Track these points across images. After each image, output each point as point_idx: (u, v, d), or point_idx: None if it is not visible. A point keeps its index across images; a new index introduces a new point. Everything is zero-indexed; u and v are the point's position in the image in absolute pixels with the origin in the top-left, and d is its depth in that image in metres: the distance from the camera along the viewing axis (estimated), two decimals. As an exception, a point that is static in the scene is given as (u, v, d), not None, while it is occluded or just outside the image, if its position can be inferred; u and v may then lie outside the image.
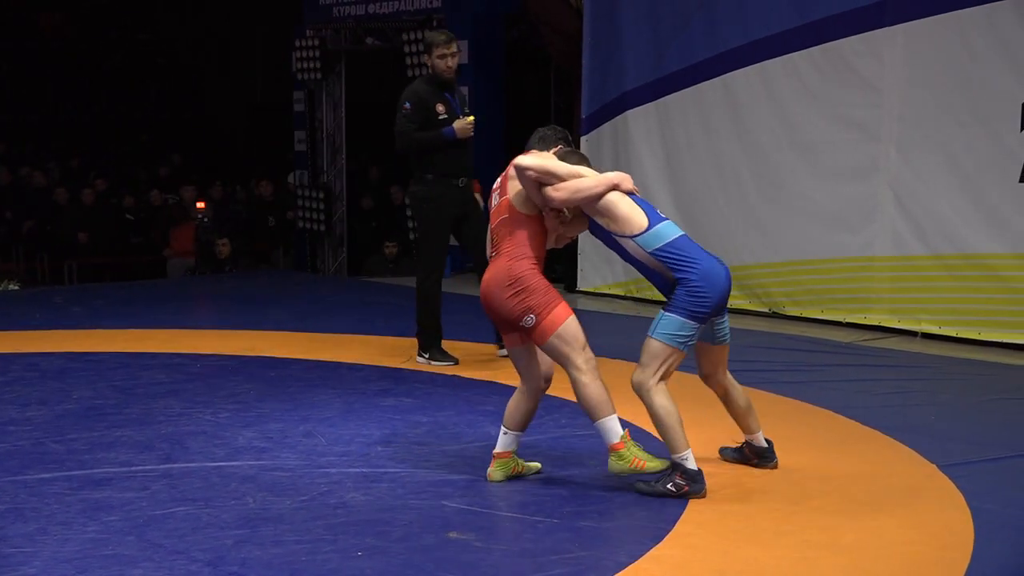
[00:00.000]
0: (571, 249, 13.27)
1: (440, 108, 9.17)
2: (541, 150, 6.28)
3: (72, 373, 9.00)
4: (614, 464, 6.06)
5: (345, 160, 16.84)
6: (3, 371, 9.06)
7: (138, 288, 14.34)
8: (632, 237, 6.03)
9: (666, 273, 6.03)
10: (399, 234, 15.83)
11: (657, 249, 6.00)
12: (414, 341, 9.61)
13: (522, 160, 6.06)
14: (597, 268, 13.17)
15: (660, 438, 6.08)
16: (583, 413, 6.22)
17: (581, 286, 13.27)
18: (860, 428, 7.44)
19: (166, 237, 17.07)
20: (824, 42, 11.18)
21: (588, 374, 6.07)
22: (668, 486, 5.93)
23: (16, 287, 14.36)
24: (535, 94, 15.81)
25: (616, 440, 6.05)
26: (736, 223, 11.90)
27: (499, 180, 6.36)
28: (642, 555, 5.20)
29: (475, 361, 9.43)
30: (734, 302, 11.72)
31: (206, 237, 16.04)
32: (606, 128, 13.12)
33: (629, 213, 6.05)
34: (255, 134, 22.24)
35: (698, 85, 12.26)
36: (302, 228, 16.85)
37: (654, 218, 6.07)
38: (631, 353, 9.53)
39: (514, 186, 6.19)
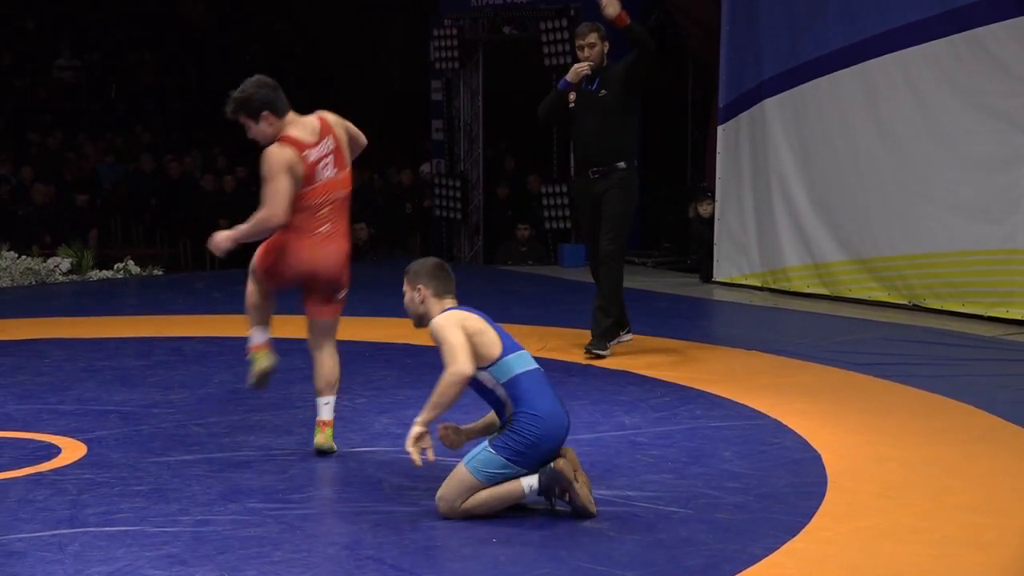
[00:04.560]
0: (707, 239, 13.19)
1: (571, 96, 9.21)
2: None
3: (213, 357, 9.16)
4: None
5: (482, 149, 16.90)
6: (146, 355, 9.27)
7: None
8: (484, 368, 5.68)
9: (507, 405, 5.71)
10: (533, 221, 15.87)
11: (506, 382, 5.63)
12: (549, 329, 9.63)
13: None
14: (733, 259, 13.07)
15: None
16: (718, 404, 6.19)
17: (717, 276, 13.18)
18: (1002, 424, 7.29)
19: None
20: (965, 30, 10.96)
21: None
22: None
23: (160, 272, 14.66)
24: (672, 84, 15.72)
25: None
26: (874, 214, 11.73)
27: (326, 149, 6.59)
28: (777, 549, 5.16)
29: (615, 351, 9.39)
30: (873, 294, 11.61)
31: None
32: (743, 117, 13.01)
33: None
34: (392, 123, 22.41)
35: (835, 73, 12.10)
36: (438, 216, 16.96)
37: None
38: (767, 345, 9.54)
39: (348, 154, 6.59)
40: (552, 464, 5.49)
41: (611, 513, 5.57)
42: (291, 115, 6.57)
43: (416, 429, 5.57)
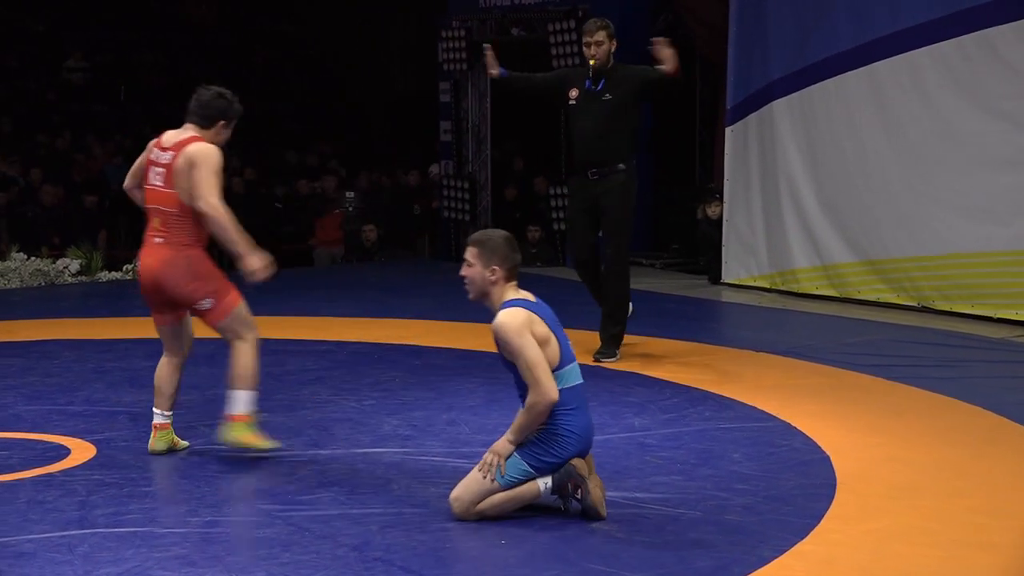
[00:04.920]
0: (715, 241, 13.18)
1: (573, 93, 9.05)
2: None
3: (221, 359, 9.06)
4: (227, 433, 6.47)
5: (490, 150, 16.91)
6: (155, 356, 8.90)
7: (286, 276, 14.54)
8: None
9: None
10: (542, 222, 15.87)
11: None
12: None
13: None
14: (741, 260, 13.06)
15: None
16: (727, 406, 6.17)
17: (725, 278, 13.17)
18: (1011, 425, 7.27)
19: (312, 226, 17.30)
20: (974, 31, 10.94)
21: (252, 344, 6.58)
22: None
23: (168, 274, 14.66)
24: (680, 85, 15.70)
25: (242, 412, 6.45)
26: (883, 215, 11.71)
27: (164, 160, 6.63)
28: (787, 550, 5.15)
29: (620, 352, 9.38)
30: (882, 295, 11.59)
31: (352, 226, 16.20)
32: (752, 119, 12.99)
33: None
34: (400, 124, 22.42)
35: (843, 75, 12.08)
36: (447, 217, 16.96)
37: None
38: (776, 346, 9.54)
39: (181, 182, 6.51)
40: (568, 462, 5.49)
41: (620, 515, 5.57)
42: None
43: (508, 448, 5.50)
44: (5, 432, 7.08)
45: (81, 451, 6.67)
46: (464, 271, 5.66)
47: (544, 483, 5.51)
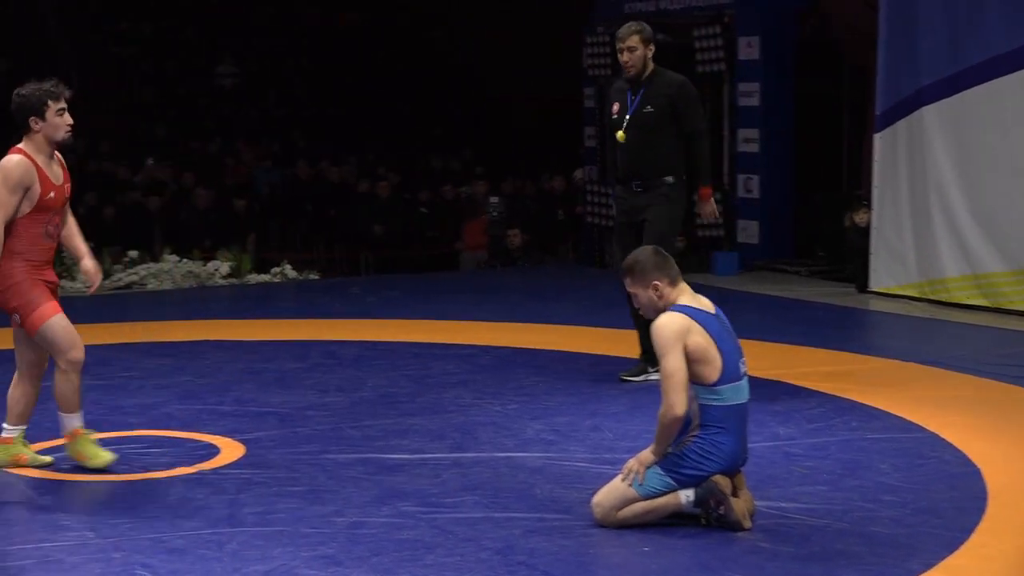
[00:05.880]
0: (862, 249, 13.00)
1: (615, 107, 8.68)
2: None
3: (367, 361, 9.28)
4: (68, 450, 6.49)
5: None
6: (303, 358, 9.43)
7: (431, 280, 14.70)
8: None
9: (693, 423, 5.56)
10: (686, 230, 15.79)
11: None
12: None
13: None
14: (889, 268, 12.84)
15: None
16: (875, 416, 6.09)
17: (873, 286, 12.96)
18: None
19: (459, 231, 17.42)
20: None
21: (63, 371, 6.33)
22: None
23: (316, 276, 14.90)
24: (826, 91, 15.52)
25: (69, 432, 6.45)
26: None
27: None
28: (935, 564, 5.07)
29: (764, 360, 9.29)
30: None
31: (496, 231, 16.29)
32: (900, 125, 12.78)
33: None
34: (545, 129, 22.47)
35: (996, 80, 11.83)
36: (590, 223, 16.95)
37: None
38: (924, 356, 9.37)
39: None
40: (711, 478, 5.46)
41: (764, 525, 5.52)
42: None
43: (651, 459, 5.49)
44: (158, 431, 7.25)
45: (231, 450, 6.80)
46: (635, 302, 5.69)
47: (686, 496, 5.48)
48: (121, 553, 5.24)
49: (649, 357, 8.24)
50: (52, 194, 6.28)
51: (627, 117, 8.52)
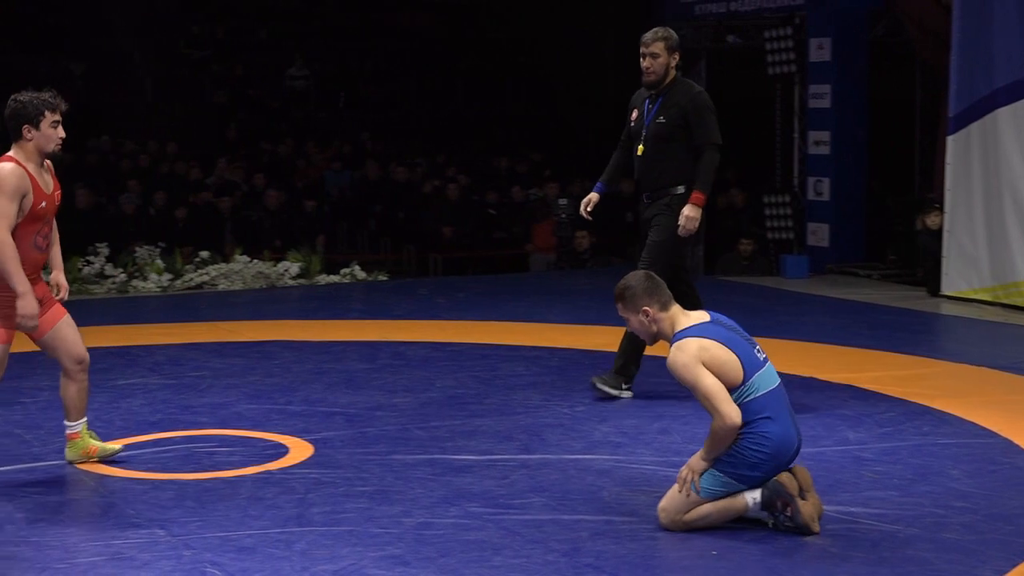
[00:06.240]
0: (934, 253, 12.90)
1: (634, 115, 8.41)
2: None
3: (435, 362, 9.32)
4: (68, 452, 6.59)
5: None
6: (371, 358, 9.48)
7: (499, 281, 14.71)
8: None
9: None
10: (754, 233, 15.74)
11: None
12: (765, 341, 9.44)
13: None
14: (962, 272, 12.73)
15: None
16: (946, 421, 6.04)
17: (945, 290, 12.85)
18: None
19: (528, 232, 17.44)
20: None
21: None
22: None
23: (384, 277, 14.97)
24: (898, 92, 15.42)
25: (68, 432, 6.52)
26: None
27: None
28: (1007, 572, 5.04)
29: (834, 364, 9.28)
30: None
31: (565, 233, 16.30)
32: (974, 128, 12.66)
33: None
34: (612, 131, 22.47)
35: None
36: (658, 226, 16.95)
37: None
38: (997, 361, 9.27)
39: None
40: (775, 478, 5.44)
41: (833, 530, 5.51)
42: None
43: (702, 465, 5.50)
44: (228, 430, 7.32)
45: (299, 450, 6.85)
46: (628, 327, 5.79)
47: (752, 498, 5.48)
48: (191, 551, 5.30)
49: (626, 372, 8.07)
50: (44, 203, 6.25)
51: (644, 126, 8.29)
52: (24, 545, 5.40)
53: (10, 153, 6.24)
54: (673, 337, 5.58)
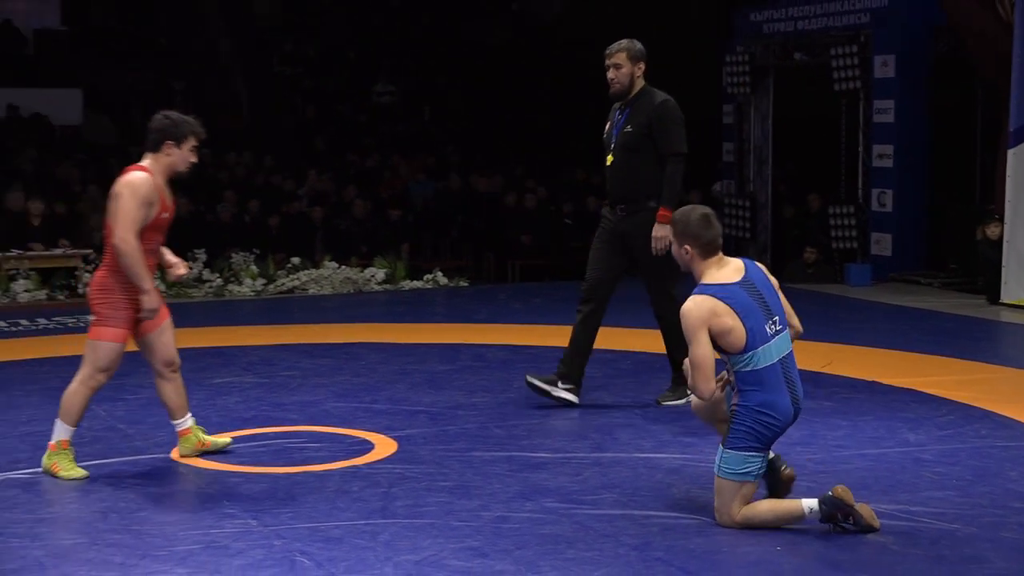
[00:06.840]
0: (994, 262, 12.95)
1: (607, 126, 8.29)
2: None
3: (513, 364, 9.51)
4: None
5: (771, 171, 17.04)
6: (452, 360, 9.72)
7: (574, 288, 14.83)
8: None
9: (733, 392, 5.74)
10: (819, 241, 15.86)
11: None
12: (832, 346, 9.61)
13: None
14: (1021, 281, 12.73)
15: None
16: (1005, 425, 6.12)
17: (1004, 298, 12.86)
18: None
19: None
20: None
21: (86, 384, 6.50)
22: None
23: (465, 284, 15.22)
24: (960, 108, 15.47)
25: (54, 440, 6.51)
26: None
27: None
28: (1064, 570, 5.10)
29: (896, 368, 9.38)
30: None
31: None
32: (1034, 141, 12.76)
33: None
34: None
35: None
36: (728, 235, 17.09)
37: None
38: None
39: (111, 208, 6.40)
40: (831, 492, 5.55)
41: (894, 528, 5.60)
42: None
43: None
44: (317, 426, 7.56)
45: (384, 446, 7.06)
46: (673, 253, 5.86)
47: (809, 507, 5.56)
48: (281, 540, 5.48)
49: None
50: (166, 215, 6.54)
51: (613, 136, 8.17)
52: (126, 533, 5.61)
53: (145, 163, 6.50)
54: (696, 288, 5.68)
